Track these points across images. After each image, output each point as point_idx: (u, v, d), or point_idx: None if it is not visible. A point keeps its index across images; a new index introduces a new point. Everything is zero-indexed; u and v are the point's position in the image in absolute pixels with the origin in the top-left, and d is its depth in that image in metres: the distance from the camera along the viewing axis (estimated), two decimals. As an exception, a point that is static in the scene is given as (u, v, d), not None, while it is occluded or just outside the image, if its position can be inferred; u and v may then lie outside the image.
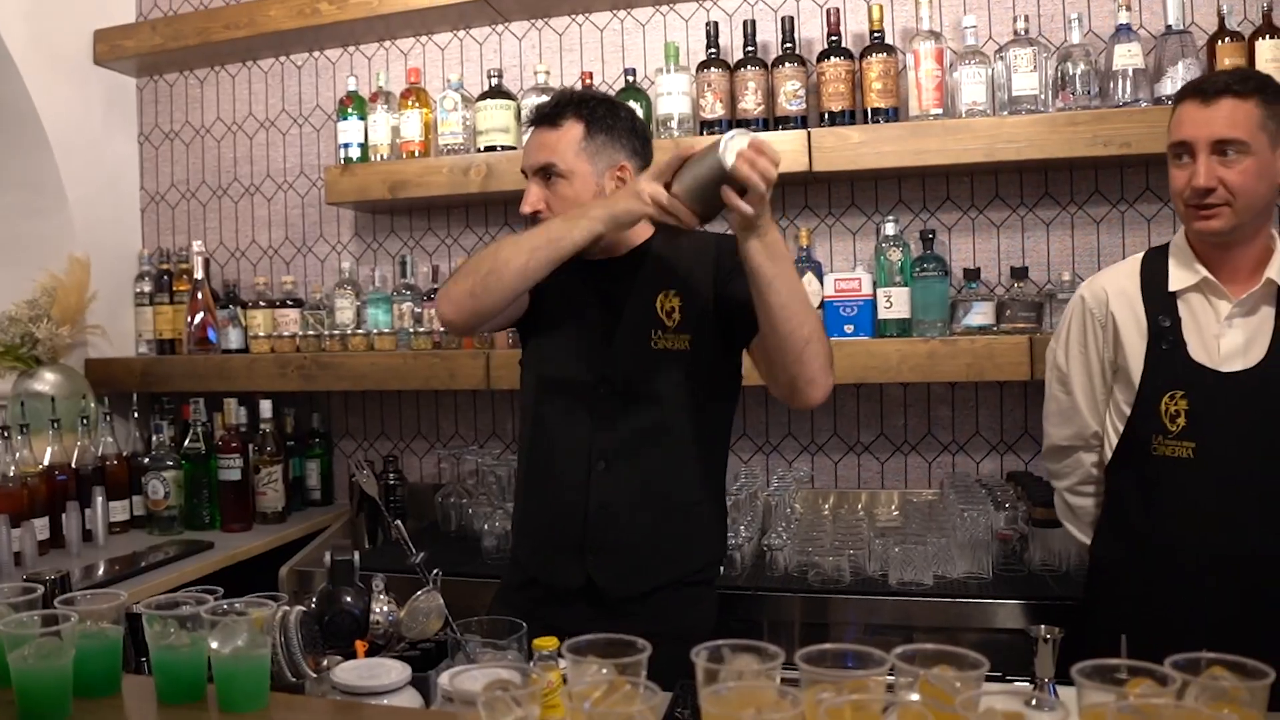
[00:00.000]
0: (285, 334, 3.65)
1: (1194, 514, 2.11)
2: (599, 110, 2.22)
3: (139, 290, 3.91)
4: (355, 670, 1.60)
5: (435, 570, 1.83)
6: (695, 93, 3.23)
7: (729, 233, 2.08)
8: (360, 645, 1.75)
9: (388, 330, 3.52)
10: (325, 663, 1.68)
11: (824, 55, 3.14)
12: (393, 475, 3.50)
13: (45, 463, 3.19)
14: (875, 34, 3.11)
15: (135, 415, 3.71)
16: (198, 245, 3.74)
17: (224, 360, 3.63)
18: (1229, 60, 2.85)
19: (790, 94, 3.13)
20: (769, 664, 1.22)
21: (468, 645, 1.63)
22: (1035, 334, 2.93)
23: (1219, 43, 2.89)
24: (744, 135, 1.88)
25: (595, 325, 2.24)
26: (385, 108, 3.53)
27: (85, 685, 1.53)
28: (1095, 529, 2.36)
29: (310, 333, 3.62)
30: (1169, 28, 2.90)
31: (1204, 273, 2.15)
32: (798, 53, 3.19)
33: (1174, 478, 2.13)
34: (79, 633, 1.52)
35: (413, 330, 3.47)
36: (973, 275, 3.10)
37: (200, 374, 3.63)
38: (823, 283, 3.10)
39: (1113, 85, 2.93)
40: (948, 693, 1.16)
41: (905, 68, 3.13)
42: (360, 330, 3.55)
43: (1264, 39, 2.85)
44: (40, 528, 3.03)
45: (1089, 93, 2.94)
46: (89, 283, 3.64)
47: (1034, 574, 2.73)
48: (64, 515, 3.09)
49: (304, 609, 1.71)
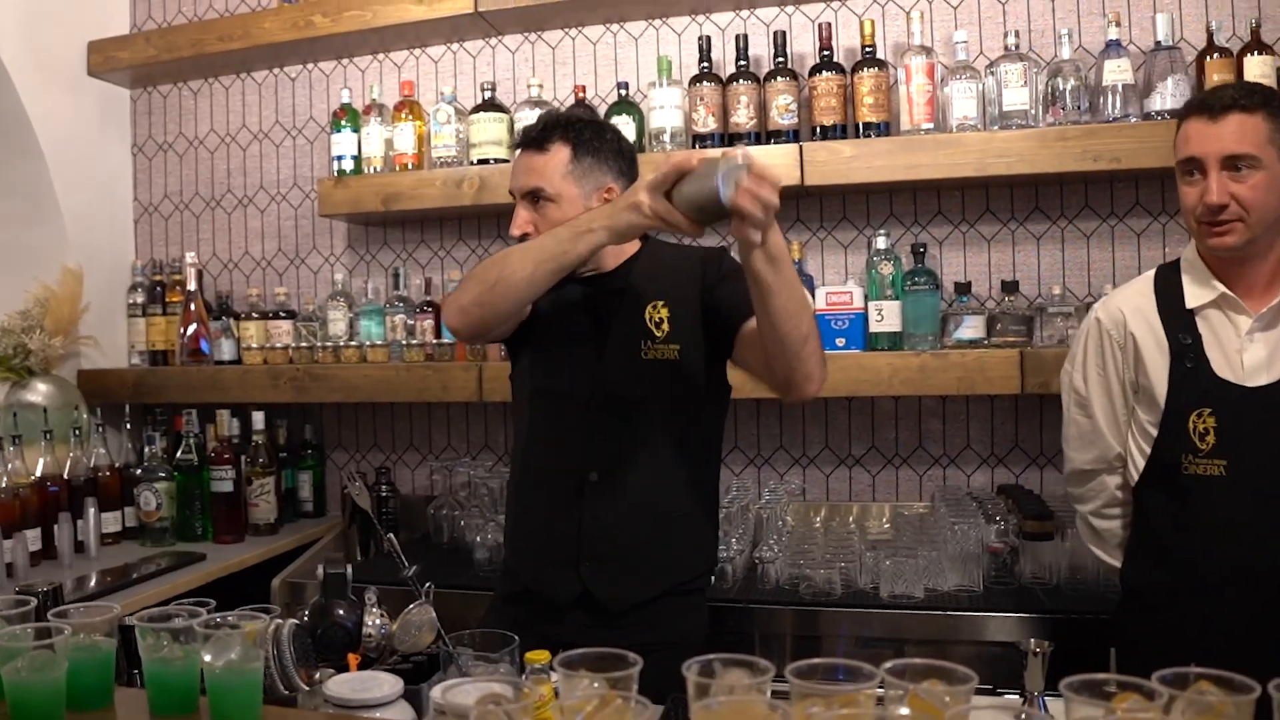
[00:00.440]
0: (278, 345, 3.65)
1: (1229, 532, 2.06)
2: (585, 133, 2.23)
3: (132, 301, 3.91)
4: (348, 683, 1.60)
5: (428, 583, 1.84)
6: (688, 106, 3.24)
7: (717, 246, 2.09)
8: (353, 658, 1.76)
9: (380, 342, 3.52)
10: (318, 676, 1.68)
11: (816, 69, 3.15)
12: (385, 487, 3.50)
13: (37, 474, 3.19)
14: (867, 49, 3.12)
15: (128, 426, 3.71)
16: (191, 256, 3.74)
17: (217, 371, 3.63)
18: (1218, 76, 2.87)
19: (782, 108, 3.14)
20: (760, 678, 1.23)
21: (460, 658, 1.64)
22: (1026, 347, 2.94)
23: (1208, 59, 2.91)
24: (741, 165, 1.78)
25: (585, 337, 2.26)
26: (379, 120, 3.54)
27: (78, 698, 1.53)
28: (1125, 552, 2.29)
29: (303, 344, 3.62)
30: (1158, 44, 2.92)
31: (1221, 288, 2.11)
32: (790, 67, 3.20)
33: (1207, 497, 2.08)
34: (72, 645, 1.52)
35: (405, 342, 3.47)
36: (964, 289, 3.11)
37: (193, 385, 3.63)
38: (814, 296, 3.10)
39: (1103, 100, 2.95)
40: (937, 707, 1.17)
41: (897, 82, 3.16)
42: (353, 342, 3.55)
43: (1252, 55, 2.87)
44: (32, 539, 3.02)
45: (1079, 108, 2.96)
46: (82, 293, 3.64)
47: (1024, 587, 2.74)
48: (56, 526, 3.10)
49: (297, 622, 1.71)
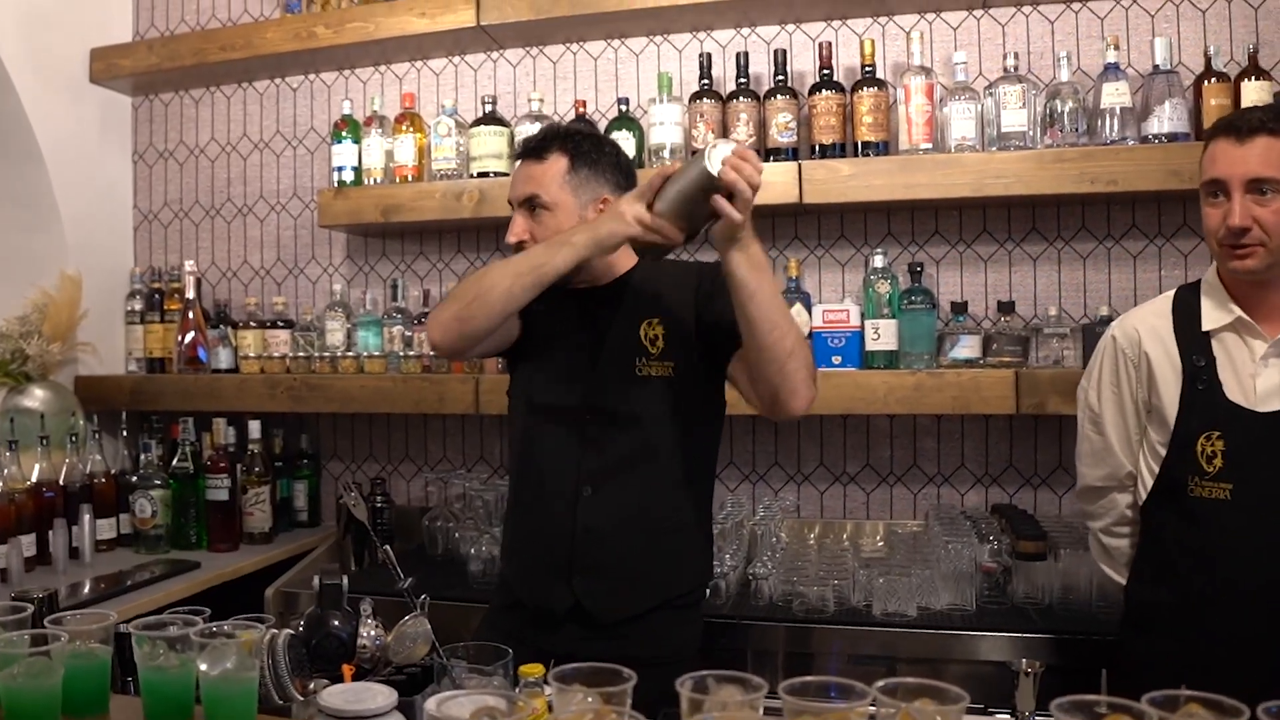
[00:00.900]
0: (275, 355, 3.66)
1: (1233, 555, 2.06)
2: (584, 145, 2.27)
3: (130, 308, 3.91)
4: (342, 694, 1.60)
5: (423, 595, 1.84)
6: (688, 123, 3.26)
7: (713, 261, 2.10)
8: (347, 669, 1.76)
9: (378, 353, 3.53)
10: (312, 686, 1.69)
11: (816, 88, 3.17)
12: (380, 498, 3.50)
13: (33, 479, 3.19)
14: (866, 68, 3.14)
15: (124, 433, 3.71)
16: (189, 264, 3.74)
17: (213, 380, 3.63)
18: (1215, 100, 2.89)
19: (782, 126, 3.16)
20: (752, 695, 1.23)
21: (454, 671, 1.64)
22: (1021, 368, 2.95)
23: (1206, 83, 2.93)
24: (727, 143, 1.90)
25: (581, 353, 2.28)
26: (379, 132, 3.55)
27: (73, 705, 1.54)
28: (1131, 569, 2.30)
29: (300, 354, 3.62)
30: (1156, 67, 2.94)
31: (1238, 312, 2.10)
32: (790, 85, 3.22)
33: (1212, 519, 2.08)
34: (68, 652, 1.53)
35: (403, 353, 3.48)
36: (960, 309, 3.13)
37: (190, 393, 3.63)
38: (811, 314, 3.12)
39: (1100, 123, 2.97)
40: (929, 726, 1.18)
41: (896, 102, 3.17)
42: (350, 353, 3.56)
43: (1249, 80, 2.89)
44: (27, 544, 3.02)
45: (1077, 130, 2.97)
46: (80, 300, 3.64)
47: (1017, 607, 2.74)
48: (51, 532, 3.10)
49: (292, 632, 1.72)
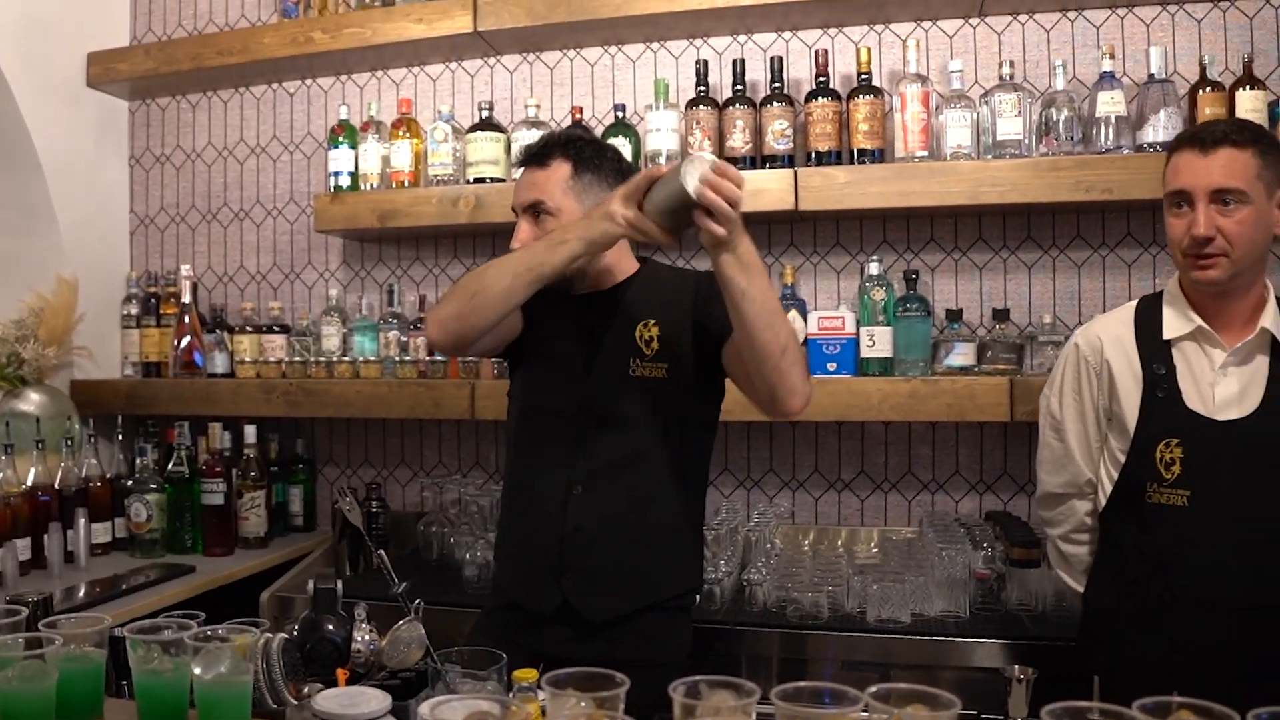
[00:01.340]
0: (271, 359, 3.66)
1: (1188, 562, 2.08)
2: (586, 150, 2.28)
3: (126, 313, 3.91)
4: (336, 698, 1.60)
5: (417, 600, 1.85)
6: (684, 129, 3.27)
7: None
8: (341, 673, 1.76)
9: (374, 358, 3.53)
10: (306, 690, 1.69)
11: (812, 96, 3.17)
12: (375, 503, 3.50)
13: (28, 483, 3.19)
14: (863, 76, 3.14)
15: (119, 437, 3.71)
16: (186, 269, 3.74)
17: (209, 384, 3.63)
18: (1210, 109, 2.90)
19: (778, 133, 3.17)
20: (745, 700, 1.24)
21: (448, 675, 1.64)
22: (1016, 375, 2.96)
23: (1200, 92, 2.94)
24: (703, 161, 1.88)
25: (576, 354, 2.29)
26: (376, 137, 3.56)
27: (68, 709, 1.53)
28: (1089, 576, 2.32)
29: (296, 359, 3.62)
30: (1151, 76, 2.95)
31: (1198, 321, 2.14)
32: (786, 92, 3.23)
33: (1168, 526, 2.11)
34: (63, 655, 1.53)
35: (398, 359, 3.48)
36: (955, 316, 3.13)
37: (185, 398, 3.63)
38: (806, 321, 3.12)
39: (1095, 132, 2.98)
40: (921, 731, 1.18)
41: (892, 110, 3.18)
42: (346, 358, 3.56)
43: (1244, 89, 2.90)
44: (22, 548, 3.03)
45: (1072, 138, 2.99)
46: (76, 304, 3.64)
47: (1010, 613, 2.75)
48: (46, 536, 3.09)
49: (286, 636, 1.72)
